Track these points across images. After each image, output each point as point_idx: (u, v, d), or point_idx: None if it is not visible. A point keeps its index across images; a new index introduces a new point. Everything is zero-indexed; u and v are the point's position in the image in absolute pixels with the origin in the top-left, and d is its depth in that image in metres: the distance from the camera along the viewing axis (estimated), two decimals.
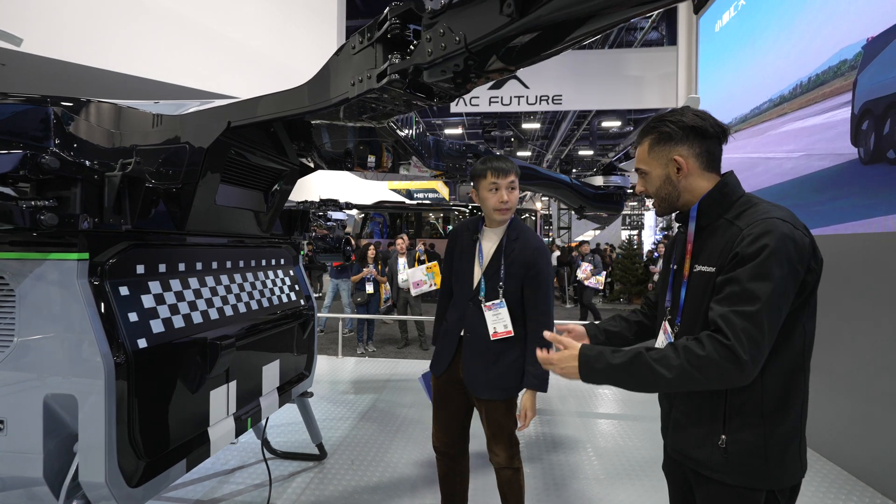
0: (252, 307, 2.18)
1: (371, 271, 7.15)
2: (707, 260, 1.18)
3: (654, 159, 1.24)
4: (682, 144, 1.20)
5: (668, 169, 1.22)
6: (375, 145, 2.46)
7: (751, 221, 1.12)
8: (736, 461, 1.12)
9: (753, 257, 1.05)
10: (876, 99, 2.84)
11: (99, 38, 4.48)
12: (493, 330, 1.95)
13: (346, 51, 1.42)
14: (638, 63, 9.76)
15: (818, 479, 2.84)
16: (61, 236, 1.43)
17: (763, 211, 1.13)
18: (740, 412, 1.12)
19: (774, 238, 1.05)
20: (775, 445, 1.11)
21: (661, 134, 1.22)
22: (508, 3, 0.95)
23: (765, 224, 1.08)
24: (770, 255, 1.04)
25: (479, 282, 1.98)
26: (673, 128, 1.20)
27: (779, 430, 1.11)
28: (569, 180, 3.99)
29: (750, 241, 1.07)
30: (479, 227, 2.07)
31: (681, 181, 1.22)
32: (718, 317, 1.06)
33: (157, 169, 1.77)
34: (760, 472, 1.11)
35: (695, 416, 1.20)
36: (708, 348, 1.03)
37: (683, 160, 1.20)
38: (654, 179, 1.25)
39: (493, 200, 1.94)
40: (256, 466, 2.90)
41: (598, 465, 3.03)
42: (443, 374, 2.09)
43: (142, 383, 1.50)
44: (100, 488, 1.40)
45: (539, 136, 20.48)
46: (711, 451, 1.15)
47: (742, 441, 1.12)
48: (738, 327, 1.02)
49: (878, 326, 2.76)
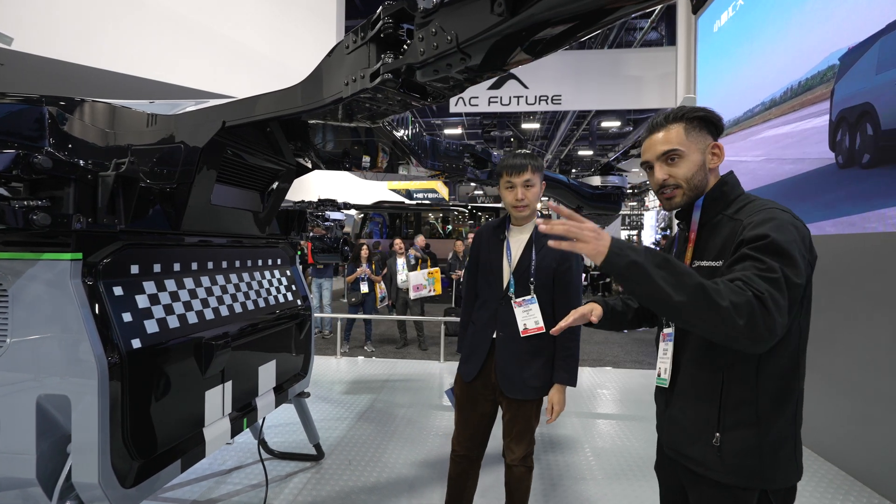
0: (248, 307, 2.18)
1: (365, 271, 7.13)
2: (709, 255, 1.18)
3: (693, 143, 1.21)
4: (714, 135, 1.24)
5: (705, 155, 1.22)
6: (371, 145, 2.46)
7: (751, 213, 1.13)
8: (729, 460, 1.12)
9: (761, 238, 1.04)
10: (850, 107, 2.96)
11: (94, 37, 4.47)
12: (524, 326, 1.94)
13: (339, 50, 1.42)
14: (637, 63, 9.76)
15: (816, 480, 2.83)
16: (55, 236, 1.42)
17: (762, 204, 1.15)
18: (735, 410, 1.12)
19: (778, 223, 1.06)
20: (770, 445, 1.10)
21: (700, 119, 1.22)
22: (499, 3, 0.95)
23: (766, 212, 1.10)
24: (779, 235, 1.03)
25: (509, 280, 1.98)
26: (711, 115, 1.22)
27: (774, 429, 1.10)
28: (566, 180, 3.99)
29: (753, 227, 1.08)
30: (505, 227, 2.07)
31: (714, 169, 1.24)
32: (743, 277, 0.97)
33: (152, 169, 1.77)
34: (754, 471, 1.11)
35: (690, 412, 1.19)
36: (749, 293, 0.94)
37: (721, 150, 1.23)
38: (690, 164, 1.21)
39: (509, 198, 1.97)
40: (253, 467, 2.90)
41: (595, 465, 3.03)
42: (473, 379, 2.05)
43: (136, 384, 1.50)
44: (93, 489, 1.40)
45: (538, 136, 20.48)
46: (705, 449, 1.15)
47: (736, 440, 1.11)
48: (763, 287, 0.95)
49: (876, 326, 2.76)
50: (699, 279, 0.95)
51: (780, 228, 1.05)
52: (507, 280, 1.99)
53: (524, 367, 1.96)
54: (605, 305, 1.39)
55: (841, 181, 3.06)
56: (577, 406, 4.13)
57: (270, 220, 2.44)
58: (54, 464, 1.45)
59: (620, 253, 0.98)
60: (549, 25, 0.98)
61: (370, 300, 7.17)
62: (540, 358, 1.96)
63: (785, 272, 0.98)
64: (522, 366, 1.96)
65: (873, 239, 2.78)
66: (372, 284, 7.18)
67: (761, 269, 0.99)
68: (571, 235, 1.01)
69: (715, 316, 0.93)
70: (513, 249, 2.02)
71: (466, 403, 2.09)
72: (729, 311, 0.92)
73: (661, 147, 1.22)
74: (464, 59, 1.12)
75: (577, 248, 1.01)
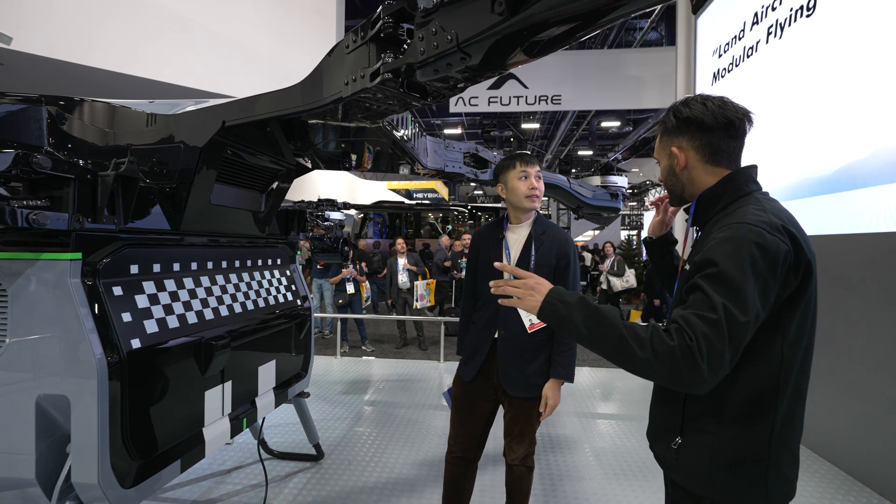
0: (248, 307, 2.18)
1: (350, 272, 7.12)
2: (691, 258, 1.15)
3: (662, 149, 1.22)
4: (681, 136, 1.16)
5: (671, 160, 1.19)
6: (371, 145, 2.46)
7: (724, 224, 1.05)
8: (684, 463, 1.10)
9: (712, 263, 0.99)
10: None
11: (94, 36, 4.47)
12: (529, 322, 1.95)
13: (339, 50, 1.42)
14: (637, 63, 9.78)
15: (815, 480, 2.84)
16: (54, 236, 1.42)
17: (742, 213, 1.05)
18: (697, 417, 1.09)
19: (735, 244, 0.98)
20: (724, 459, 1.05)
21: (665, 125, 1.20)
22: (500, 2, 0.95)
23: (730, 229, 1.02)
24: (727, 266, 0.96)
25: (509, 278, 1.98)
26: (671, 118, 1.17)
27: (732, 445, 1.05)
28: (566, 181, 3.99)
29: (711, 247, 1.01)
30: (503, 226, 2.08)
31: (682, 174, 1.18)
32: (680, 317, 0.97)
33: (152, 168, 1.77)
34: (703, 480, 1.07)
35: (659, 412, 1.21)
36: (676, 341, 0.95)
37: (681, 153, 1.16)
38: (662, 170, 1.24)
39: (523, 187, 1.97)
40: (253, 467, 2.90)
41: (595, 465, 3.02)
42: (474, 379, 2.04)
43: (135, 384, 1.50)
44: (93, 489, 1.40)
45: (538, 136, 20.49)
46: (666, 450, 1.15)
47: (693, 446, 1.09)
48: (698, 331, 0.94)
49: (876, 326, 2.76)
50: (622, 331, 0.99)
51: (736, 252, 0.97)
52: (507, 278, 1.99)
53: (527, 365, 1.96)
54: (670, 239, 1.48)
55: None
56: (577, 406, 4.13)
57: (270, 220, 2.44)
58: (54, 464, 1.45)
59: (552, 311, 1.08)
60: (549, 25, 0.98)
61: (357, 301, 7.16)
62: (542, 355, 1.97)
63: (728, 310, 0.94)
64: (525, 364, 1.96)
65: (873, 239, 2.78)
66: (358, 285, 7.17)
67: (703, 308, 0.96)
68: (510, 293, 1.16)
69: (635, 365, 0.99)
70: (512, 248, 2.03)
71: (466, 404, 2.08)
72: (648, 362, 0.96)
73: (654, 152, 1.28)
74: (464, 58, 1.12)
75: (514, 304, 1.17)
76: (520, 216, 2.04)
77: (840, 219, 3.02)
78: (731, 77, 4.44)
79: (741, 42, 4.25)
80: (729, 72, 4.50)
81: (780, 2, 3.70)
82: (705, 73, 5.04)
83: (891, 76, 2.68)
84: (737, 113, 1.12)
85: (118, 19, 4.70)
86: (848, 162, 2.98)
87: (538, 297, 1.10)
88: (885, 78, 2.73)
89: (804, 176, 3.37)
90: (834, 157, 3.10)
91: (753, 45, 4.04)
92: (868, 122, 2.84)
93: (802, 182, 3.38)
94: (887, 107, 2.70)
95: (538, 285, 1.13)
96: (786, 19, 3.60)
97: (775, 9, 3.74)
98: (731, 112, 1.12)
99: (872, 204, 2.78)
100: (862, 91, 2.89)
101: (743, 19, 4.22)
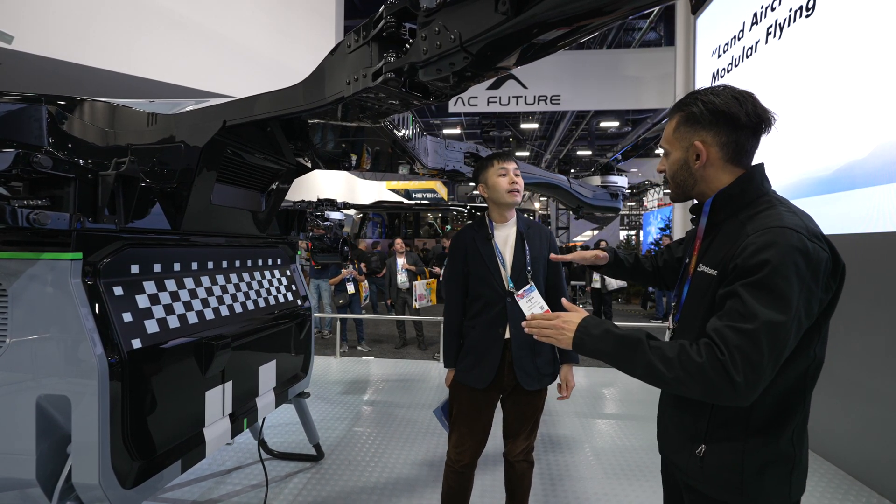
0: (248, 307, 2.17)
1: (350, 272, 7.12)
2: (710, 261, 1.09)
3: (677, 140, 1.13)
4: (708, 130, 1.07)
5: (687, 154, 1.11)
6: (372, 145, 2.45)
7: (759, 227, 0.99)
8: (710, 472, 1.08)
9: (754, 271, 0.94)
10: None
11: (94, 36, 4.46)
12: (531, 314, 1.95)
13: (341, 49, 1.41)
14: (636, 63, 9.78)
15: (816, 480, 2.84)
16: (55, 236, 1.41)
17: (776, 216, 0.99)
18: (724, 425, 1.06)
19: (780, 250, 0.93)
20: (754, 464, 1.03)
21: (689, 114, 1.10)
22: (503, 1, 0.94)
23: (771, 233, 0.96)
24: (774, 271, 0.92)
25: (507, 276, 2.00)
26: (702, 109, 1.07)
27: (763, 450, 1.04)
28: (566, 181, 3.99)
29: (752, 252, 0.96)
30: (489, 227, 2.04)
31: (698, 170, 1.11)
32: (713, 330, 0.96)
33: (152, 168, 1.77)
34: (734, 487, 1.05)
35: (679, 420, 1.17)
36: (704, 357, 0.94)
37: (705, 148, 1.08)
38: (672, 162, 1.15)
39: (504, 183, 1.98)
40: (253, 467, 2.89)
41: (595, 465, 3.02)
42: (487, 385, 1.97)
43: (136, 384, 1.49)
44: (93, 490, 1.39)
45: (537, 137, 20.48)
46: (689, 458, 1.12)
47: (719, 453, 1.07)
48: (731, 344, 0.92)
49: (877, 326, 2.76)
50: (648, 356, 1.00)
51: (779, 259, 0.93)
52: (506, 277, 1.99)
53: (537, 357, 1.98)
54: (613, 254, 1.56)
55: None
56: (577, 406, 4.13)
57: (270, 220, 2.43)
58: (54, 464, 1.45)
59: (581, 345, 1.11)
60: (553, 25, 0.98)
61: (356, 301, 7.17)
62: (547, 345, 1.96)
63: (770, 320, 0.91)
64: (536, 356, 1.98)
65: (873, 239, 2.79)
66: (357, 284, 7.18)
67: (737, 319, 0.94)
68: (541, 336, 1.18)
69: (669, 386, 1.00)
70: (503, 248, 2.02)
71: (473, 412, 2.02)
72: (679, 381, 0.97)
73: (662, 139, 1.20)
74: (467, 57, 1.12)
75: (549, 341, 1.17)
76: (504, 213, 2.04)
77: (840, 219, 3.03)
78: (731, 77, 4.45)
79: (740, 42, 4.25)
80: (728, 72, 4.51)
81: (779, 2, 3.70)
82: (704, 74, 5.04)
83: (890, 76, 2.69)
84: (766, 113, 1.07)
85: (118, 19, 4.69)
86: (847, 162, 2.99)
87: (569, 333, 1.12)
88: (884, 78, 2.73)
89: (804, 176, 3.38)
90: (833, 157, 3.11)
91: (753, 46, 4.05)
92: (867, 122, 2.84)
93: (802, 182, 3.39)
94: (886, 107, 2.71)
95: (566, 323, 1.14)
96: (785, 19, 3.61)
97: (774, 9, 3.75)
98: (762, 111, 1.06)
99: (872, 204, 2.78)
100: (861, 91, 2.90)
101: (742, 19, 4.22)
